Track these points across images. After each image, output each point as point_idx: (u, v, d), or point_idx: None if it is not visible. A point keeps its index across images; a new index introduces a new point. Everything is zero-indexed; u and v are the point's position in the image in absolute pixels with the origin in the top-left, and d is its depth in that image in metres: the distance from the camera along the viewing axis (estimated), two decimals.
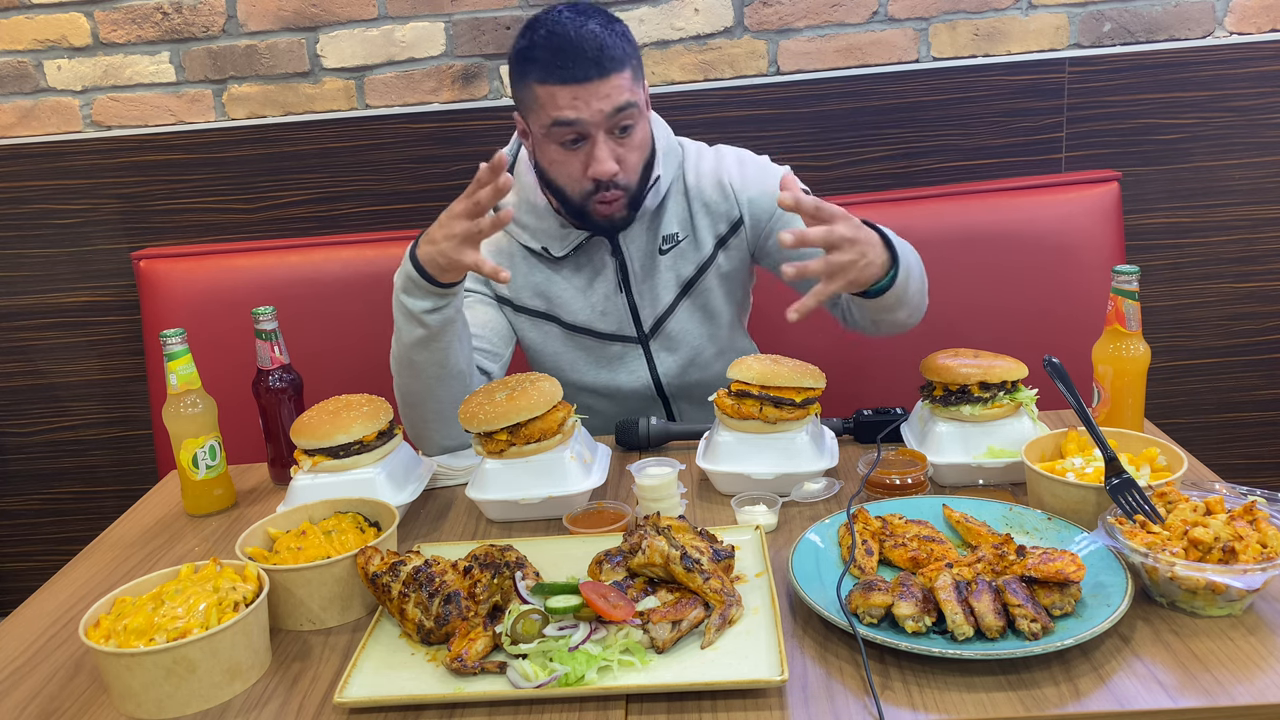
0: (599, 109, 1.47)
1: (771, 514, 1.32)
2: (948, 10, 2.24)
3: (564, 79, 1.46)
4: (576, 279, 1.70)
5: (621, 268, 1.69)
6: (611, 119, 1.49)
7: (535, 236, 1.68)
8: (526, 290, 1.72)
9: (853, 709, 0.94)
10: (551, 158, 1.55)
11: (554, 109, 1.48)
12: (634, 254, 1.69)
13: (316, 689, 1.05)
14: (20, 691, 1.10)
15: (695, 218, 1.69)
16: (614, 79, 1.47)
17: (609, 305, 1.71)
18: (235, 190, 2.35)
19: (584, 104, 1.47)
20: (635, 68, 1.52)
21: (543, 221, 1.67)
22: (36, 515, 2.59)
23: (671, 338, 1.74)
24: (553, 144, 1.53)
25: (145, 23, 2.27)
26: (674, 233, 1.69)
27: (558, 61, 1.46)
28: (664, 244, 1.69)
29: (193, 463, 1.51)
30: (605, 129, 1.50)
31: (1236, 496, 1.13)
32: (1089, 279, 2.10)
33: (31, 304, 2.43)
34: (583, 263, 1.70)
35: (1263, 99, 2.26)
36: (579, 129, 1.49)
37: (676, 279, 1.71)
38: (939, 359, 1.44)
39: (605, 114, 1.48)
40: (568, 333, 1.73)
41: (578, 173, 1.54)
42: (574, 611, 1.04)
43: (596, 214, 1.58)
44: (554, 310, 1.72)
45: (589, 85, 1.46)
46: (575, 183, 1.55)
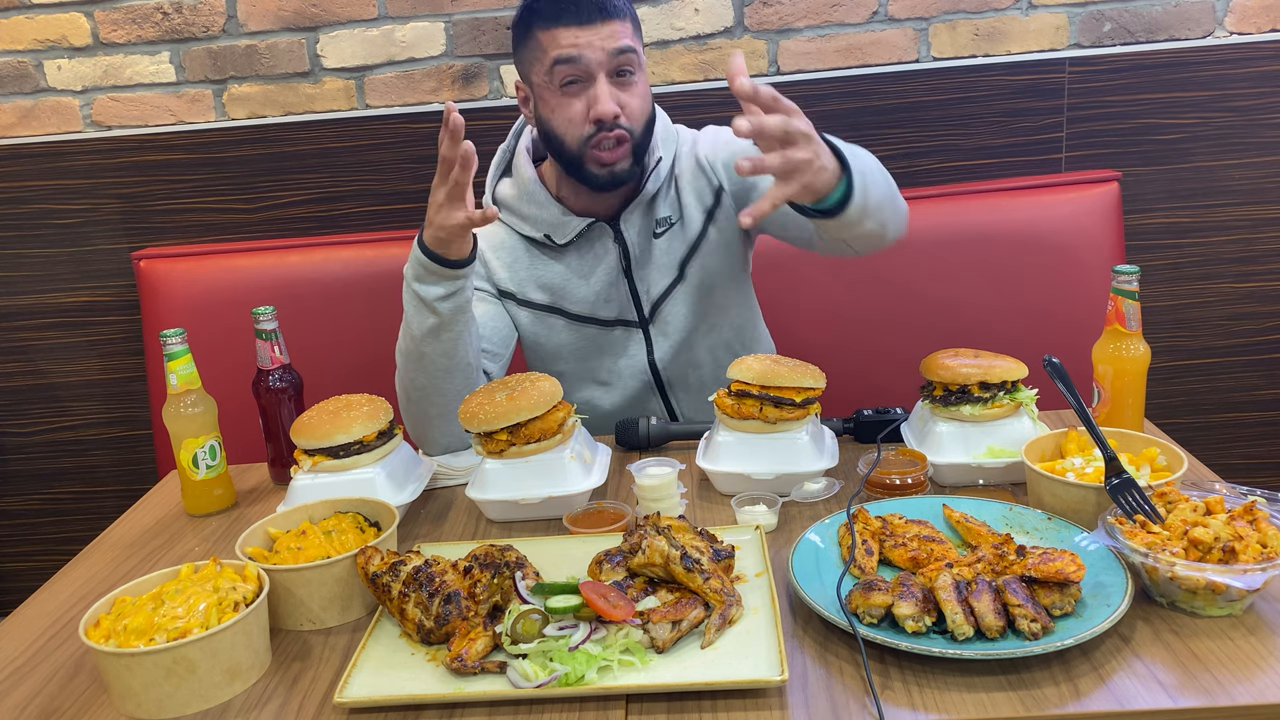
0: (601, 47, 1.50)
1: (771, 514, 1.32)
2: (948, 10, 2.24)
3: (567, 21, 1.50)
4: (579, 266, 1.71)
5: (624, 253, 1.70)
6: (614, 60, 1.52)
7: (536, 226, 1.69)
8: (530, 284, 1.72)
9: (853, 709, 0.94)
10: (552, 105, 1.55)
11: (555, 49, 1.51)
12: (633, 238, 1.70)
13: (316, 689, 1.05)
14: (20, 691, 1.10)
15: (683, 197, 1.71)
16: (615, 24, 1.51)
17: (611, 292, 1.72)
18: (235, 190, 2.35)
19: (586, 43, 1.50)
20: (636, 26, 1.57)
21: (544, 210, 1.68)
22: (36, 515, 2.59)
23: (667, 320, 1.74)
24: (554, 89, 1.54)
25: (145, 23, 2.27)
26: (666, 215, 1.70)
27: (559, 5, 1.50)
28: (658, 227, 1.70)
29: (193, 463, 1.51)
30: (607, 70, 1.52)
31: (1236, 496, 1.13)
32: (1089, 279, 2.10)
33: (31, 304, 2.43)
34: (585, 250, 1.71)
35: (1263, 99, 2.26)
36: (580, 67, 1.51)
37: (671, 261, 1.72)
38: (939, 359, 1.44)
39: (607, 53, 1.51)
40: (571, 323, 1.73)
41: (578, 116, 1.54)
42: (574, 611, 1.04)
43: (597, 162, 1.56)
44: (558, 301, 1.72)
45: (591, 27, 1.50)
46: (575, 127, 1.55)
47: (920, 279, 2.15)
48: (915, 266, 2.15)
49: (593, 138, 1.54)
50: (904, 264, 2.15)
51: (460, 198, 1.40)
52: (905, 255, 2.14)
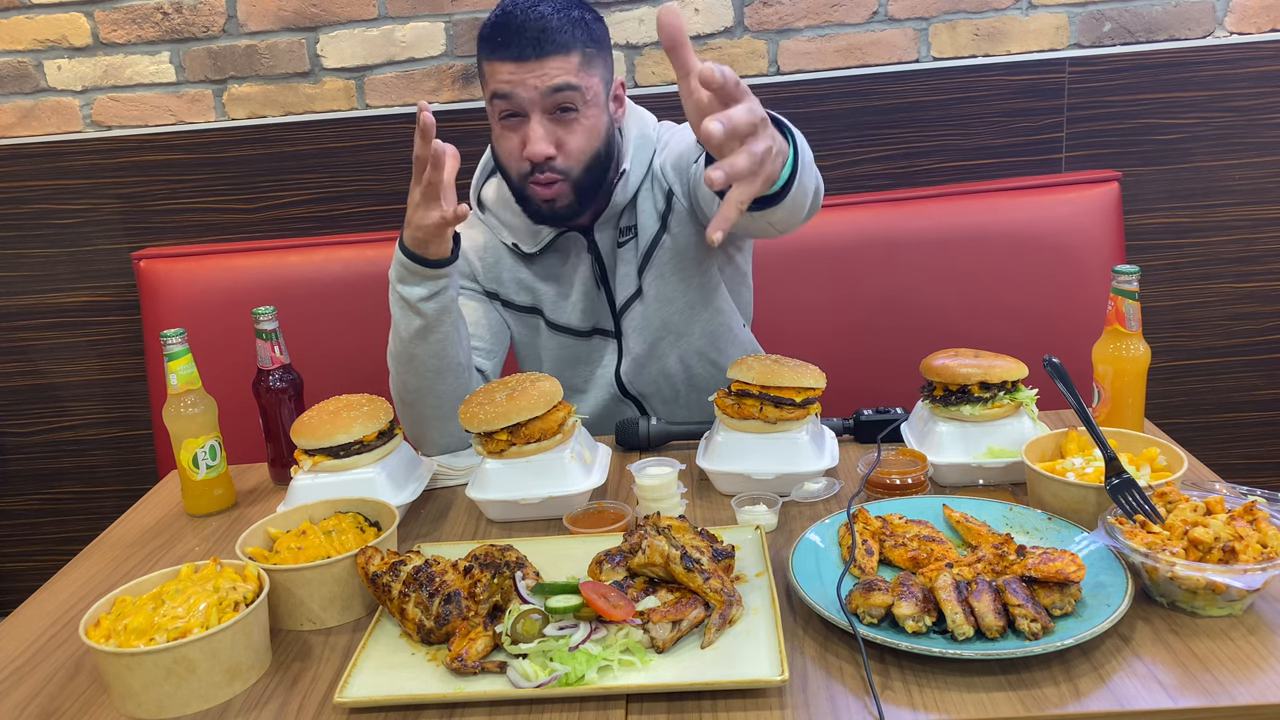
0: (533, 85, 1.48)
1: (771, 514, 1.32)
2: (948, 10, 2.24)
3: (503, 56, 1.48)
4: (554, 275, 1.71)
5: (598, 262, 1.69)
6: (548, 98, 1.49)
7: (512, 232, 1.70)
8: (512, 285, 1.73)
9: (853, 709, 0.94)
10: (496, 135, 1.57)
11: (493, 83, 1.50)
12: (606, 248, 1.69)
13: (316, 689, 1.05)
14: (20, 691, 1.10)
15: (641, 203, 1.67)
16: (554, 60, 1.47)
17: (587, 301, 1.71)
18: (235, 190, 2.35)
19: (519, 80, 1.48)
20: (589, 56, 1.51)
21: (516, 218, 1.68)
22: (36, 515, 2.59)
23: (632, 330, 1.72)
24: (496, 120, 1.55)
25: (145, 23, 2.27)
26: (630, 225, 1.68)
27: (499, 38, 1.48)
28: (621, 236, 1.69)
29: (193, 463, 1.51)
30: (542, 108, 1.50)
31: (1236, 496, 1.13)
32: (1089, 279, 2.10)
33: (31, 304, 2.43)
34: (556, 260, 1.71)
35: (1263, 99, 2.26)
36: (513, 104, 1.50)
37: (630, 271, 1.70)
38: (939, 359, 1.44)
39: (540, 91, 1.48)
40: (550, 330, 1.74)
41: (515, 152, 1.54)
42: (574, 611, 1.04)
43: (534, 197, 1.56)
44: (539, 304, 1.73)
45: (526, 64, 1.47)
46: (514, 162, 1.55)
47: (920, 279, 2.15)
48: (915, 266, 2.15)
49: (529, 175, 1.54)
50: (904, 264, 2.15)
51: (435, 197, 1.40)
52: (905, 255, 2.15)
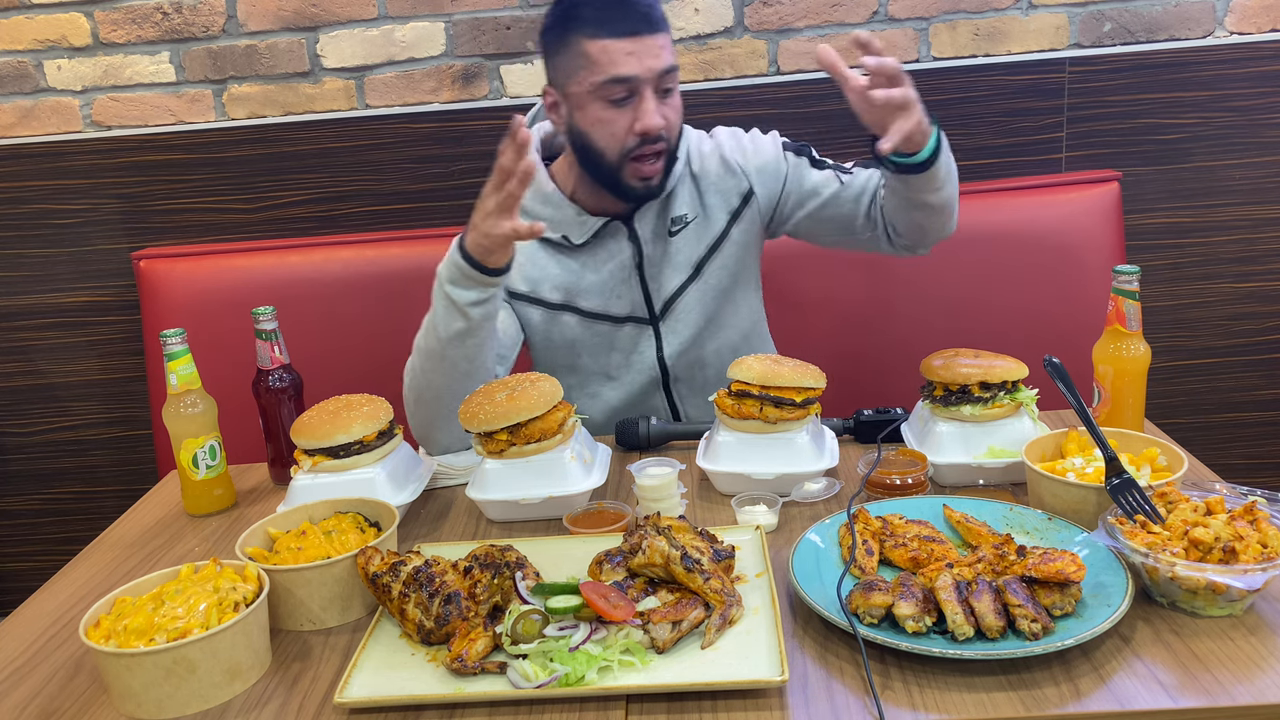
0: (651, 65, 1.51)
1: (771, 514, 1.32)
2: (948, 10, 2.24)
3: (621, 32, 1.49)
4: (593, 264, 1.72)
5: (637, 251, 1.71)
6: (661, 78, 1.53)
7: (554, 226, 1.69)
8: (544, 283, 1.73)
9: (853, 709, 0.94)
10: (595, 117, 1.55)
11: (610, 65, 1.50)
12: (646, 236, 1.71)
13: (316, 689, 1.05)
14: (20, 691, 1.10)
15: (705, 197, 1.73)
16: (662, 37, 1.53)
17: (623, 289, 1.73)
18: (235, 190, 2.35)
19: (638, 59, 1.50)
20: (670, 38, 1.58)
21: (559, 210, 1.69)
22: (36, 515, 2.59)
23: (678, 318, 1.76)
24: (599, 102, 1.54)
25: (145, 23, 2.27)
26: (683, 214, 1.72)
27: (614, 15, 1.49)
28: (673, 225, 1.72)
29: (193, 463, 1.51)
30: (654, 86, 1.53)
31: (1237, 496, 1.13)
32: (1089, 279, 2.10)
33: (31, 304, 2.43)
34: (598, 248, 1.72)
35: (1263, 99, 2.26)
36: (632, 85, 1.51)
37: (688, 260, 1.73)
38: (939, 359, 1.44)
39: (656, 71, 1.52)
40: (583, 319, 1.74)
41: (622, 130, 1.55)
42: (574, 612, 1.04)
43: (635, 175, 1.58)
44: (571, 299, 1.73)
45: (644, 39, 1.50)
46: (617, 140, 1.55)
47: (920, 279, 2.15)
48: (915, 266, 2.14)
49: (634, 150, 1.56)
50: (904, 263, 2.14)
51: (511, 209, 1.41)
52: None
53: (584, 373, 1.79)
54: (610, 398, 1.80)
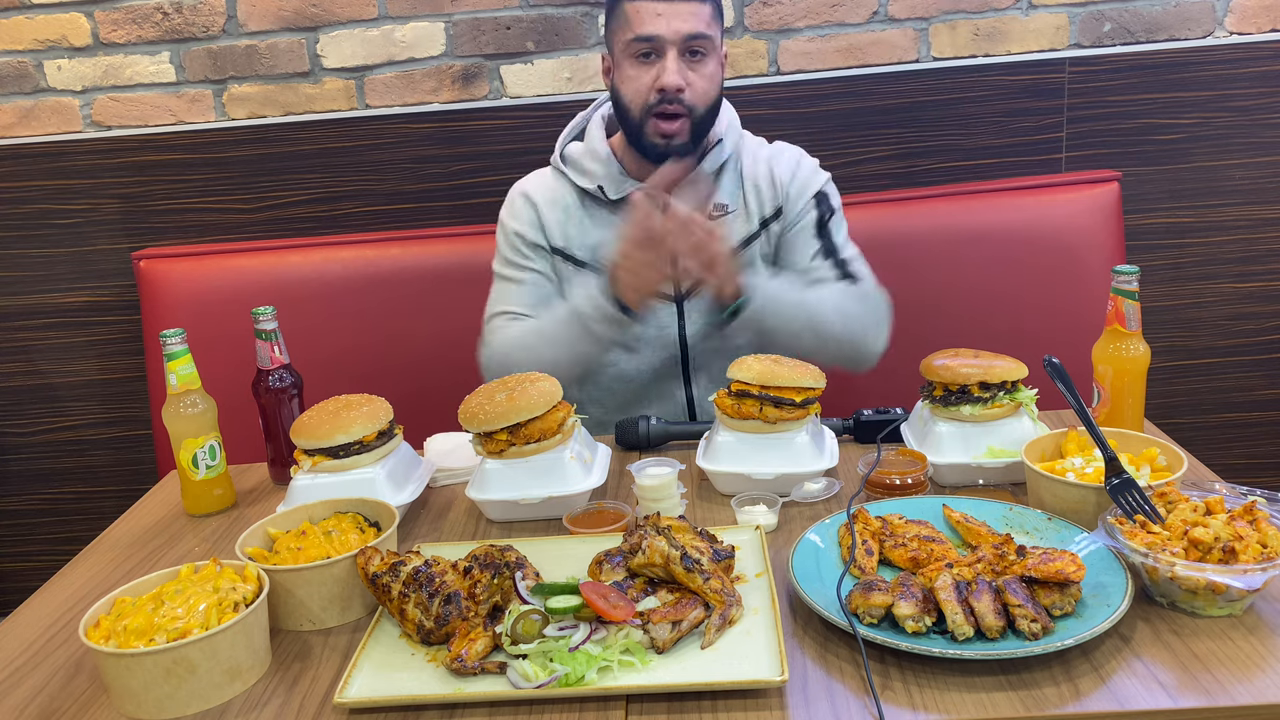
0: (676, 28, 1.61)
1: (771, 514, 1.32)
2: (948, 10, 2.24)
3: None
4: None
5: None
6: (686, 41, 1.62)
7: (593, 179, 1.77)
8: (576, 240, 1.80)
9: (853, 709, 0.94)
10: (625, 74, 1.67)
11: (638, 23, 1.62)
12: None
13: (316, 689, 1.05)
14: (20, 692, 1.10)
15: (747, 195, 1.80)
16: (697, 5, 1.62)
17: None
18: (235, 190, 2.35)
19: (665, 21, 1.60)
20: (715, 13, 1.66)
21: (605, 167, 1.77)
22: (36, 515, 2.59)
23: (704, 300, 1.78)
24: (629, 59, 1.65)
25: (145, 23, 2.27)
26: (724, 203, 1.79)
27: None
28: (715, 210, 1.77)
29: (193, 463, 1.51)
30: (679, 48, 1.62)
31: (1236, 496, 1.13)
32: (1089, 279, 2.10)
33: (31, 304, 2.43)
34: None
35: (1263, 99, 2.26)
36: (655, 44, 1.62)
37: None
38: (939, 359, 1.44)
39: (681, 34, 1.61)
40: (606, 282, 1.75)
41: (645, 86, 1.64)
42: (574, 612, 1.04)
43: (655, 131, 1.66)
44: (598, 259, 1.78)
45: (673, 4, 1.60)
46: (641, 95, 1.65)
47: (920, 279, 2.15)
48: (915, 266, 2.15)
49: (654, 106, 1.64)
50: (904, 264, 2.14)
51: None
52: (905, 255, 2.15)
53: (604, 340, 1.78)
54: (627, 369, 1.82)
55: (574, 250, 1.80)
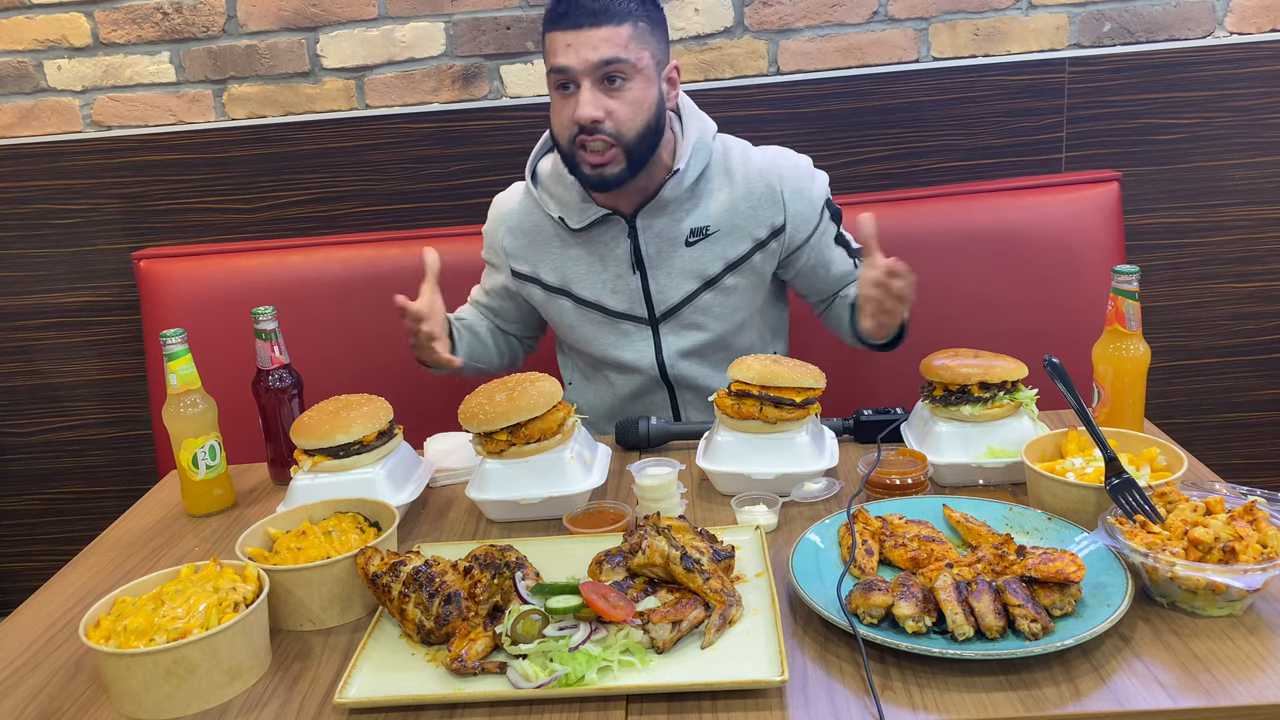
0: (585, 57, 1.55)
1: (771, 514, 1.32)
2: (948, 10, 2.24)
3: (561, 25, 1.57)
4: (591, 254, 1.74)
5: (635, 250, 1.72)
6: (598, 69, 1.55)
7: (558, 205, 1.74)
8: (545, 265, 1.77)
9: (853, 709, 0.94)
10: (552, 106, 1.64)
11: (551, 55, 1.59)
12: (649, 239, 1.72)
13: (316, 689, 1.05)
14: (20, 692, 1.10)
15: (738, 216, 1.72)
16: (606, 30, 1.55)
17: (620, 285, 1.75)
18: (235, 190, 2.35)
19: (575, 51, 1.55)
20: (642, 31, 1.58)
21: (567, 192, 1.72)
22: (36, 515, 2.59)
23: (683, 325, 1.77)
24: (553, 90, 1.62)
25: (145, 23, 2.27)
26: (704, 226, 1.72)
27: (560, 9, 1.57)
28: (691, 236, 1.72)
29: (193, 463, 1.51)
30: (592, 78, 1.56)
31: (1236, 496, 1.13)
32: (1089, 279, 2.10)
33: (31, 304, 2.43)
34: (597, 240, 1.74)
35: (1263, 99, 2.26)
36: (568, 75, 1.57)
37: (697, 273, 1.73)
38: (939, 359, 1.44)
39: (591, 63, 1.55)
40: (579, 307, 1.77)
41: (567, 118, 1.60)
42: (574, 612, 1.04)
43: (584, 164, 1.61)
44: (567, 284, 1.76)
45: (581, 31, 1.55)
46: (564, 129, 1.61)
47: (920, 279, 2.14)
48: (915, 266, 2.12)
49: (575, 138, 1.59)
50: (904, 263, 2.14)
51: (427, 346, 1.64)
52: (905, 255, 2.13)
53: (593, 357, 1.82)
54: (620, 385, 1.82)
55: (543, 276, 1.77)
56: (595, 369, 1.85)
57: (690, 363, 1.79)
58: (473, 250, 2.19)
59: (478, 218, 2.31)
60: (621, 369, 1.80)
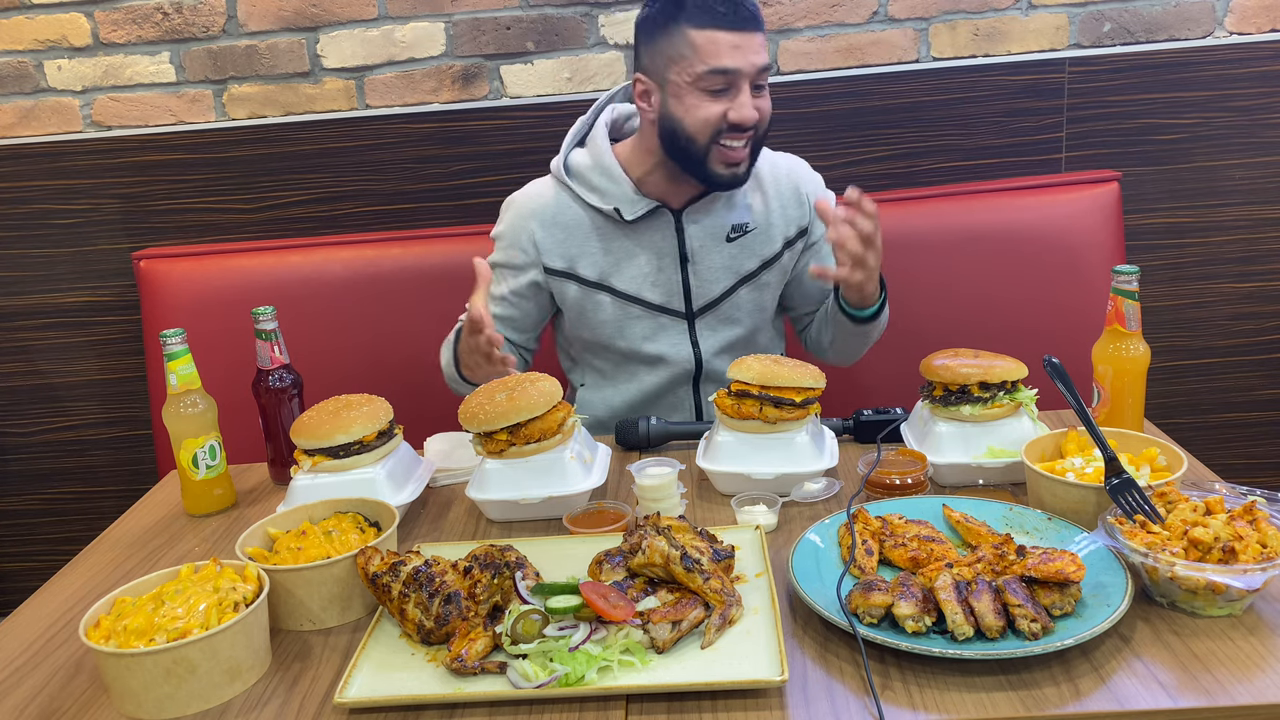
0: (753, 61, 1.57)
1: (771, 514, 1.32)
2: (948, 10, 2.24)
3: (730, 25, 1.55)
4: (636, 246, 1.75)
5: (681, 244, 1.73)
6: (759, 74, 1.59)
7: (606, 199, 1.72)
8: (584, 260, 1.75)
9: (853, 709, 0.94)
10: (688, 104, 1.60)
11: (714, 56, 1.55)
12: (694, 234, 1.74)
13: (316, 689, 1.05)
14: (20, 692, 1.10)
15: (772, 215, 1.77)
16: (761, 36, 1.59)
17: (660, 278, 1.75)
18: (235, 190, 2.35)
19: (742, 54, 1.56)
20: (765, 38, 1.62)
21: (617, 185, 1.72)
22: (36, 515, 2.59)
23: (720, 321, 1.79)
24: (697, 90, 1.59)
25: (145, 23, 2.27)
26: (744, 223, 1.75)
27: (724, 8, 1.55)
28: (733, 232, 1.75)
29: (193, 463, 1.51)
30: (751, 80, 1.58)
31: (1236, 496, 1.13)
32: (1089, 279, 2.10)
33: (31, 304, 2.43)
34: (644, 231, 1.74)
35: (1263, 99, 2.26)
36: (731, 78, 1.57)
37: (735, 269, 1.76)
38: (939, 359, 1.44)
39: (757, 67, 1.58)
40: (618, 300, 1.76)
41: (715, 117, 1.59)
42: (574, 611, 1.04)
43: (722, 160, 1.62)
44: (607, 279, 1.76)
45: (749, 35, 1.56)
46: (710, 126, 1.59)
47: (920, 279, 2.15)
48: (915, 266, 2.15)
49: (722, 134, 1.60)
50: (904, 264, 2.14)
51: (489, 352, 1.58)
52: (905, 255, 2.15)
53: (620, 354, 1.81)
54: (648, 381, 1.82)
55: (581, 270, 1.75)
56: (621, 366, 1.83)
57: (724, 359, 1.81)
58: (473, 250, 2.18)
59: (478, 218, 2.33)
60: (654, 363, 1.80)
